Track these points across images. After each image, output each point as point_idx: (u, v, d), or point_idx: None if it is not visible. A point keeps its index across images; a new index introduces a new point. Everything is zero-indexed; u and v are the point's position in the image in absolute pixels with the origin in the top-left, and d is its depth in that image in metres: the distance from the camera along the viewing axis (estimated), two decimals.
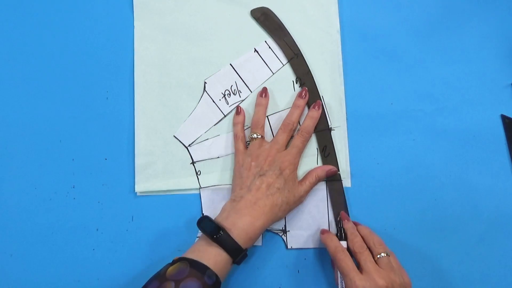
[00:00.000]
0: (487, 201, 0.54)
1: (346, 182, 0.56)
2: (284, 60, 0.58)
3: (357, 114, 0.57)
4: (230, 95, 0.58)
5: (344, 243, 0.51)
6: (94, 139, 0.57)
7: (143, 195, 0.56)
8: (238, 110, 0.56)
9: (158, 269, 0.53)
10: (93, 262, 0.54)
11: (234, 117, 0.57)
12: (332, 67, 0.58)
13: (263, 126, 0.55)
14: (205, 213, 0.55)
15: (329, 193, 0.55)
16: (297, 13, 0.59)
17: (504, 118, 0.56)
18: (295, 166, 0.52)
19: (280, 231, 0.55)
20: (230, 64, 0.58)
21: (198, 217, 0.54)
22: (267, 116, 0.57)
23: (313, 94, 0.57)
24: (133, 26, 0.59)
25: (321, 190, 0.55)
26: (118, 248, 0.55)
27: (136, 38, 0.59)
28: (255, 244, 0.54)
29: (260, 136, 0.54)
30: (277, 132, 0.54)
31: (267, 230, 0.55)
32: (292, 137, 0.55)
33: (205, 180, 0.56)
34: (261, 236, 0.54)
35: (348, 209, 0.55)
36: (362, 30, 0.59)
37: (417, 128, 0.57)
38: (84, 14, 0.60)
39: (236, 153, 0.55)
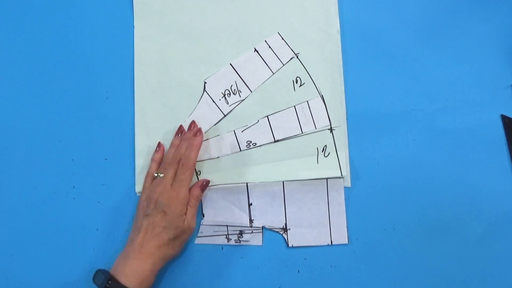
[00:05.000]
0: (487, 201, 0.54)
1: (346, 182, 0.56)
2: (284, 60, 0.58)
3: (357, 114, 0.57)
4: (230, 95, 0.58)
5: None
6: (94, 139, 0.57)
7: None
8: (158, 147, 0.55)
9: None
10: (93, 262, 0.54)
11: (154, 153, 0.55)
12: (332, 66, 0.58)
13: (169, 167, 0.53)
14: (205, 213, 0.55)
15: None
16: (297, 13, 0.59)
17: (504, 118, 0.56)
18: (181, 201, 0.50)
19: (281, 230, 0.55)
20: (230, 64, 0.58)
21: (199, 217, 0.54)
22: (267, 116, 0.57)
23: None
24: (133, 26, 0.59)
25: (322, 187, 0.55)
26: (118, 248, 0.54)
27: (136, 38, 0.59)
28: (255, 243, 0.54)
29: (162, 175, 0.52)
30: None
31: (268, 229, 0.55)
32: None
33: None
34: (261, 235, 0.54)
35: (348, 209, 0.55)
36: (362, 30, 0.59)
37: (417, 128, 0.57)
38: (84, 14, 0.60)
39: (142, 190, 0.54)
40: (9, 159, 0.56)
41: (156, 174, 0.53)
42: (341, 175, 0.55)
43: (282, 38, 0.59)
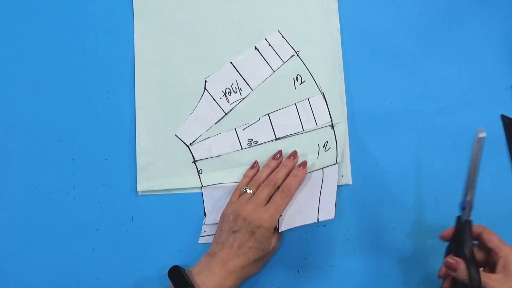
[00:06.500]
0: (487, 201, 0.54)
1: (347, 180, 0.55)
2: (285, 58, 0.58)
3: (357, 114, 0.57)
4: (231, 93, 0.58)
5: None
6: (94, 139, 0.57)
7: (143, 195, 0.56)
8: (254, 165, 0.56)
9: (158, 269, 0.53)
10: (93, 262, 0.54)
11: (247, 170, 0.55)
12: (332, 64, 0.58)
13: (259, 185, 0.53)
14: (207, 212, 0.55)
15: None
16: (297, 12, 0.59)
17: (504, 118, 0.57)
18: (271, 224, 0.49)
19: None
20: (231, 62, 0.58)
21: (201, 216, 0.54)
22: (268, 114, 0.57)
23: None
24: (133, 26, 0.59)
25: (317, 175, 0.54)
26: (118, 248, 0.55)
27: (136, 38, 0.59)
28: None
29: (251, 192, 0.52)
30: (260, 187, 0.53)
31: None
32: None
33: (206, 179, 0.56)
34: None
35: (348, 209, 0.55)
36: (362, 29, 0.59)
37: (417, 128, 0.57)
38: (84, 14, 0.59)
39: (228, 202, 0.54)
40: (9, 159, 0.56)
41: (244, 190, 0.53)
42: (336, 161, 0.55)
43: (282, 36, 0.59)
